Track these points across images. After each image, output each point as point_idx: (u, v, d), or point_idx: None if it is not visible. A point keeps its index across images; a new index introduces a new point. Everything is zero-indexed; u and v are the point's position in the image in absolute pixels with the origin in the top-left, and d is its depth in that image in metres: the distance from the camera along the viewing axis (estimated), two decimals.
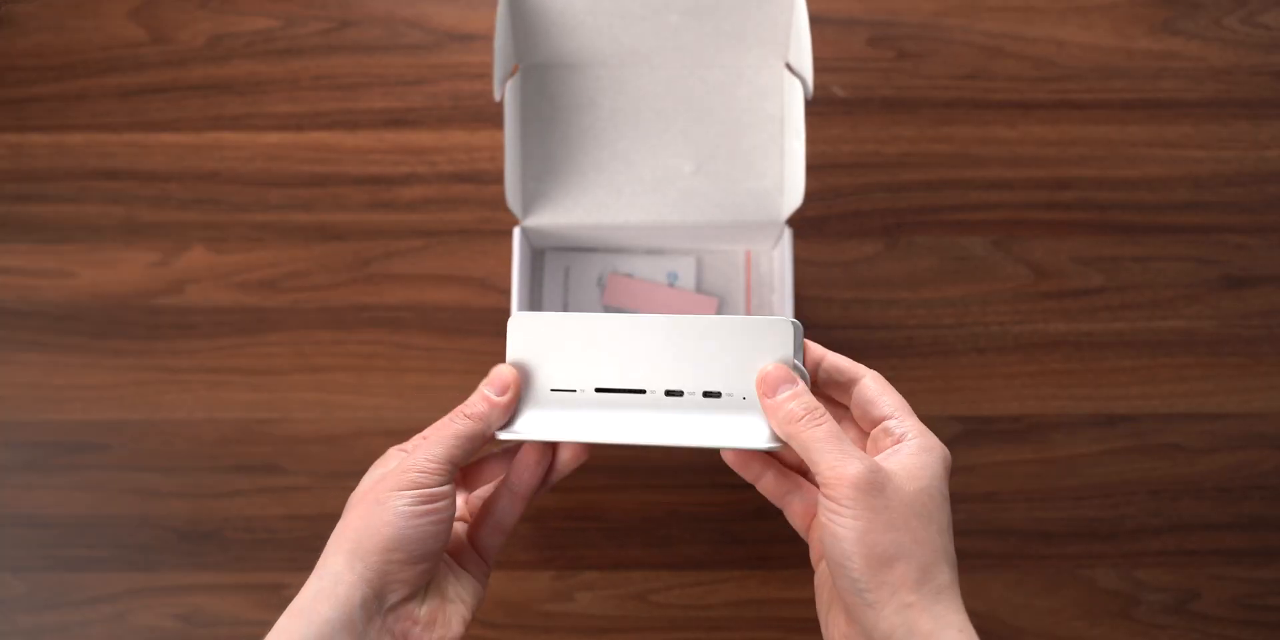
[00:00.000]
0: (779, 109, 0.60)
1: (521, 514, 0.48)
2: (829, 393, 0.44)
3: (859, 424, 0.43)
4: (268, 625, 0.61)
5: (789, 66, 0.58)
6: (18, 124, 0.64)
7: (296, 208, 0.64)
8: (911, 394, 0.62)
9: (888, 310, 0.63)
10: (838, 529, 0.39)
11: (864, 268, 0.63)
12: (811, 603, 0.61)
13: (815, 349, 0.44)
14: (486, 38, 0.65)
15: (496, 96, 0.54)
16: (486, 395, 0.44)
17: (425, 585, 0.43)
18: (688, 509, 0.61)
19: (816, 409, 0.41)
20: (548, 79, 0.59)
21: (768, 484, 0.45)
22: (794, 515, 0.45)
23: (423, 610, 0.42)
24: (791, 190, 0.56)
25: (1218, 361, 0.62)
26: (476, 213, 0.64)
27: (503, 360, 0.61)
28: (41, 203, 0.64)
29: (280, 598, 0.61)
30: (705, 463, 0.61)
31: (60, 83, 0.65)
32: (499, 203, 0.63)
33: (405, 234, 0.63)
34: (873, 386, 0.43)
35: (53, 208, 0.64)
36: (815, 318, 0.63)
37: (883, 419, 0.42)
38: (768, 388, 0.42)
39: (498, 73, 0.54)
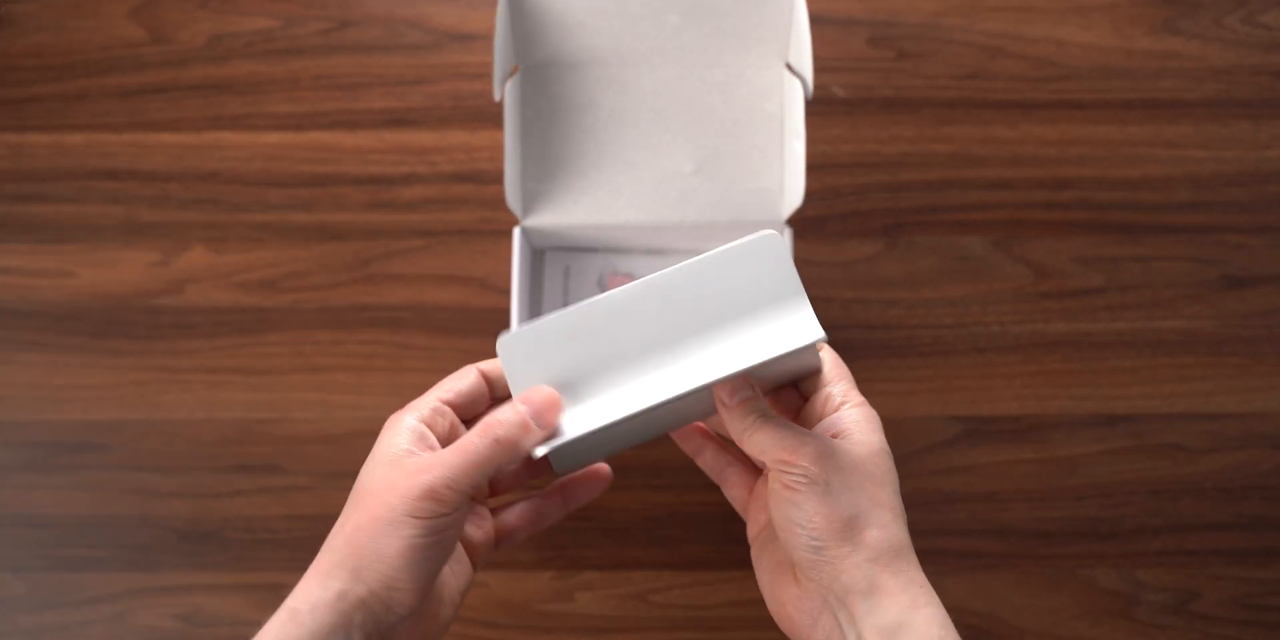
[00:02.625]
0: (779, 109, 0.60)
1: (560, 518, 0.47)
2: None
3: (799, 389, 0.44)
4: None
5: (789, 66, 0.58)
6: (18, 124, 0.64)
7: (296, 208, 0.64)
8: (912, 394, 0.62)
9: (888, 310, 0.63)
10: (796, 495, 0.39)
11: (864, 268, 0.63)
12: None
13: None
14: (486, 38, 0.65)
15: (496, 96, 0.54)
16: (525, 420, 0.40)
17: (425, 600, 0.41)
18: (688, 509, 0.61)
19: (757, 413, 0.41)
20: (548, 79, 0.59)
21: (707, 459, 0.46)
22: (731, 487, 0.45)
23: (416, 628, 0.41)
24: (791, 190, 0.56)
25: (1218, 361, 0.62)
26: (476, 213, 0.64)
27: None
28: (41, 203, 0.64)
29: (280, 598, 0.60)
30: None
31: (60, 83, 0.65)
32: (499, 203, 0.63)
33: (405, 234, 0.63)
34: (840, 372, 0.44)
35: (53, 208, 0.64)
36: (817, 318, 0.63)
37: (826, 385, 0.43)
38: (722, 397, 0.42)
39: (497, 72, 0.54)
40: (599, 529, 0.61)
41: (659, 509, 0.61)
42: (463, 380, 0.43)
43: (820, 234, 0.63)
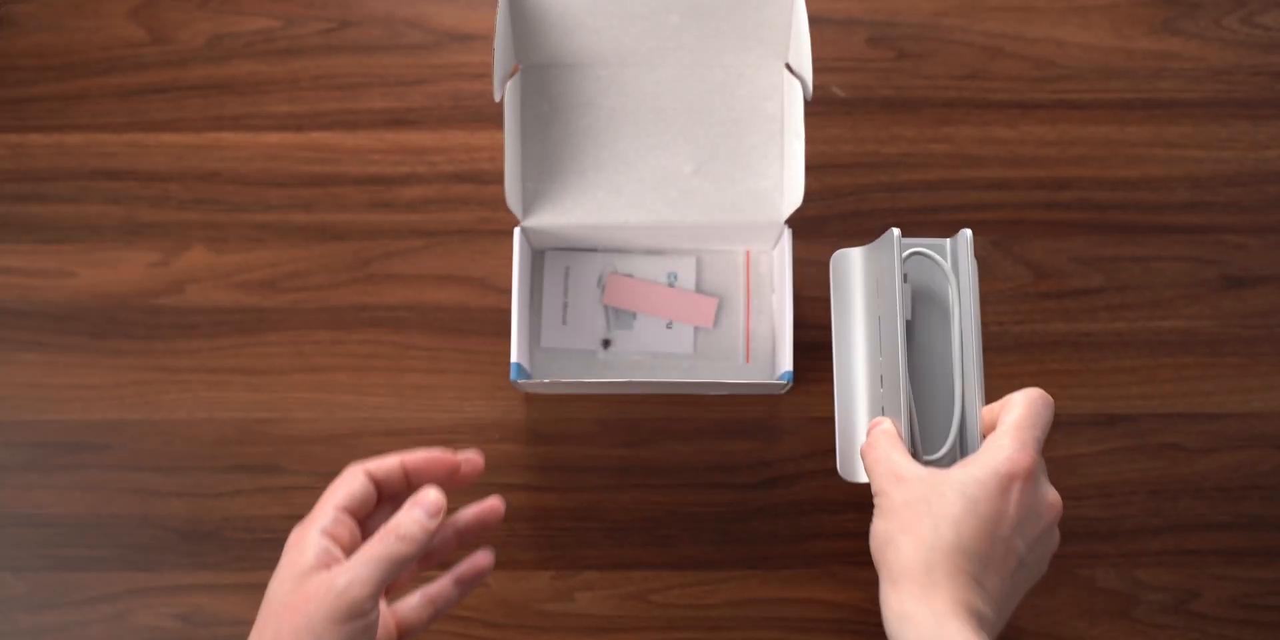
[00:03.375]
0: (779, 109, 0.60)
1: (459, 602, 0.49)
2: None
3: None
4: None
5: (789, 67, 0.58)
6: (18, 124, 0.64)
7: (296, 208, 0.64)
8: None
9: None
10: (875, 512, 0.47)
11: None
12: (811, 602, 0.61)
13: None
14: (486, 38, 0.65)
15: (496, 97, 0.54)
16: (419, 518, 0.42)
17: None
18: (688, 509, 0.61)
19: (879, 439, 0.50)
20: (548, 79, 0.59)
21: None
22: None
23: None
24: (791, 191, 0.56)
25: (1218, 361, 0.62)
26: (476, 213, 0.64)
27: (503, 360, 0.61)
28: (41, 203, 0.64)
29: None
30: (705, 462, 0.61)
31: (60, 83, 0.65)
32: (499, 203, 0.63)
33: (405, 234, 0.63)
34: (1015, 400, 0.48)
35: (53, 208, 0.64)
36: (815, 318, 0.63)
37: (992, 425, 0.49)
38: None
39: (498, 73, 0.54)
40: (599, 529, 0.61)
41: (659, 509, 0.61)
42: (354, 484, 0.45)
43: (820, 234, 0.63)
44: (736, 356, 0.62)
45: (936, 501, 0.44)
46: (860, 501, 0.61)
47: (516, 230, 0.58)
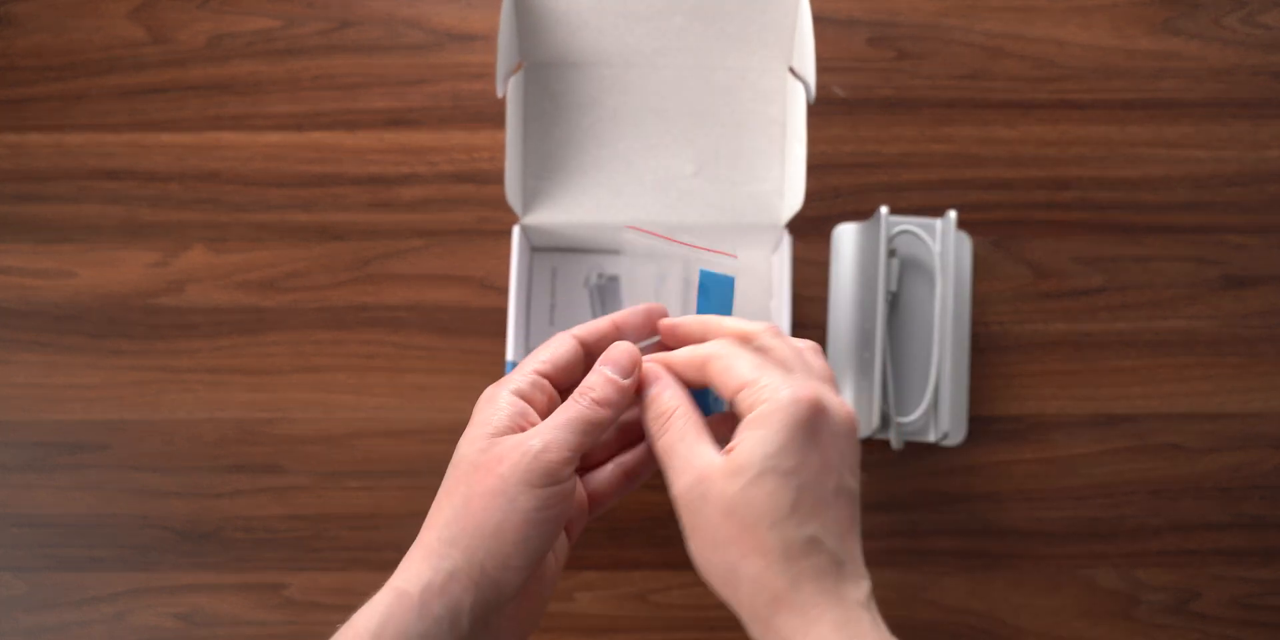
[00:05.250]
0: (781, 112, 0.60)
1: (651, 473, 0.44)
2: (693, 386, 0.41)
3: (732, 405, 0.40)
4: (268, 625, 0.61)
5: (792, 70, 0.58)
6: (18, 124, 0.64)
7: (296, 208, 0.64)
8: None
9: None
10: (688, 546, 0.38)
11: None
12: None
13: (659, 359, 0.41)
14: (486, 38, 0.65)
15: (499, 93, 0.54)
16: (610, 377, 0.39)
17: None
18: None
19: (664, 412, 0.39)
20: (550, 77, 0.59)
21: None
22: None
23: (519, 606, 0.40)
24: (792, 194, 0.56)
25: (1218, 361, 0.62)
26: (476, 212, 0.64)
27: (501, 358, 0.61)
28: (41, 203, 0.64)
29: (280, 597, 0.61)
30: None
31: (60, 83, 0.65)
32: (499, 203, 0.63)
33: (405, 234, 0.63)
34: (718, 364, 0.39)
35: (53, 208, 0.64)
36: (815, 318, 0.63)
37: (735, 392, 0.38)
38: (641, 391, 0.40)
39: (500, 69, 0.54)
40: (599, 529, 0.61)
41: (659, 509, 0.61)
42: (559, 349, 0.41)
43: (820, 234, 0.63)
44: None
45: (761, 499, 0.36)
46: (861, 501, 0.61)
47: (515, 228, 0.58)
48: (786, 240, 0.58)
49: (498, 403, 0.40)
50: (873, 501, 0.61)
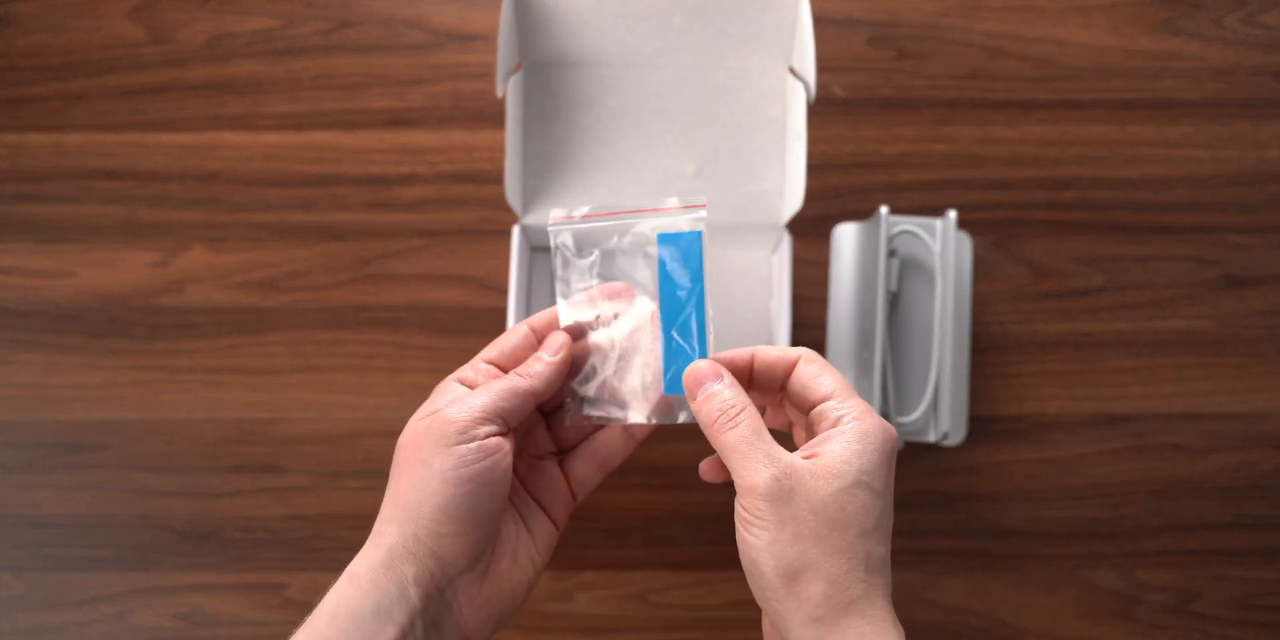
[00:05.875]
0: (781, 112, 0.60)
1: (628, 454, 0.45)
2: (767, 392, 0.42)
3: (799, 410, 0.41)
4: (267, 625, 0.61)
5: (792, 70, 0.58)
6: (18, 124, 0.64)
7: (296, 208, 0.64)
8: None
9: None
10: (748, 538, 0.37)
11: None
12: None
13: (743, 351, 0.41)
14: (486, 38, 0.65)
15: (499, 93, 0.54)
16: (540, 355, 0.42)
17: (486, 551, 0.40)
18: (688, 509, 0.61)
19: (731, 408, 0.39)
20: (550, 77, 0.59)
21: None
22: None
23: (483, 584, 0.40)
24: (792, 194, 0.56)
25: (1218, 361, 0.62)
26: (476, 212, 0.64)
27: None
28: (41, 203, 0.64)
29: (280, 597, 0.61)
30: None
31: (60, 83, 0.65)
32: (498, 202, 0.63)
33: (405, 234, 0.63)
34: (807, 369, 0.40)
35: (53, 208, 0.64)
36: (815, 318, 0.63)
37: (820, 401, 0.39)
38: (690, 390, 0.40)
39: (500, 68, 0.53)
40: (599, 529, 0.61)
41: (659, 509, 0.61)
42: (511, 337, 0.43)
43: (820, 234, 0.63)
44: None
45: (854, 507, 0.37)
46: None
47: (515, 228, 0.58)
48: (786, 241, 0.58)
49: (442, 388, 0.41)
50: None
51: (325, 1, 0.65)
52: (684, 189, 0.59)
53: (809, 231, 0.63)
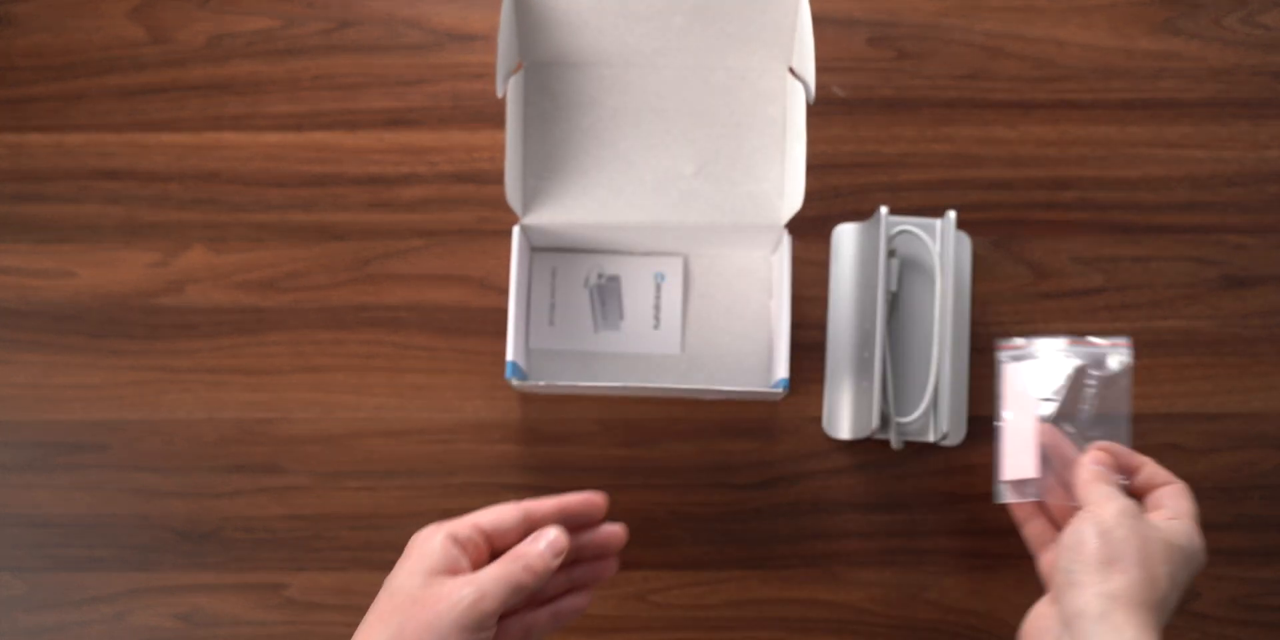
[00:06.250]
0: (781, 112, 0.60)
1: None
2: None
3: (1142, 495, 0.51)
4: (268, 625, 0.61)
5: (792, 70, 0.58)
6: (18, 124, 0.64)
7: (296, 208, 0.64)
8: None
9: None
10: (1088, 520, 0.47)
11: None
12: (811, 602, 0.61)
13: (1135, 458, 0.52)
14: (486, 38, 0.65)
15: (499, 92, 0.54)
16: (543, 553, 0.47)
17: None
18: (688, 509, 0.61)
19: (1094, 466, 0.51)
20: (550, 77, 0.59)
21: (1032, 528, 0.54)
22: (1037, 549, 0.54)
23: None
24: (791, 194, 0.56)
25: (1218, 361, 0.62)
26: (476, 213, 0.64)
27: (500, 358, 0.61)
28: (41, 203, 0.64)
29: (280, 597, 0.61)
30: (706, 462, 0.61)
31: (60, 83, 0.65)
32: (498, 203, 0.63)
33: (405, 234, 0.63)
34: (1175, 490, 0.51)
35: (53, 208, 0.64)
36: (815, 318, 0.63)
37: (1140, 466, 0.52)
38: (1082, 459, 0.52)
39: (500, 69, 0.54)
40: None
41: (659, 509, 0.61)
42: (504, 516, 0.48)
43: (820, 234, 0.63)
44: (730, 360, 0.62)
45: (1178, 558, 0.47)
46: (861, 502, 0.61)
47: (515, 228, 0.58)
48: (786, 241, 0.58)
49: (433, 544, 0.46)
50: (873, 501, 0.61)
51: (325, 1, 0.65)
52: (684, 189, 0.60)
53: (809, 231, 0.63)
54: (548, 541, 0.47)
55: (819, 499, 0.61)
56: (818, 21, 0.62)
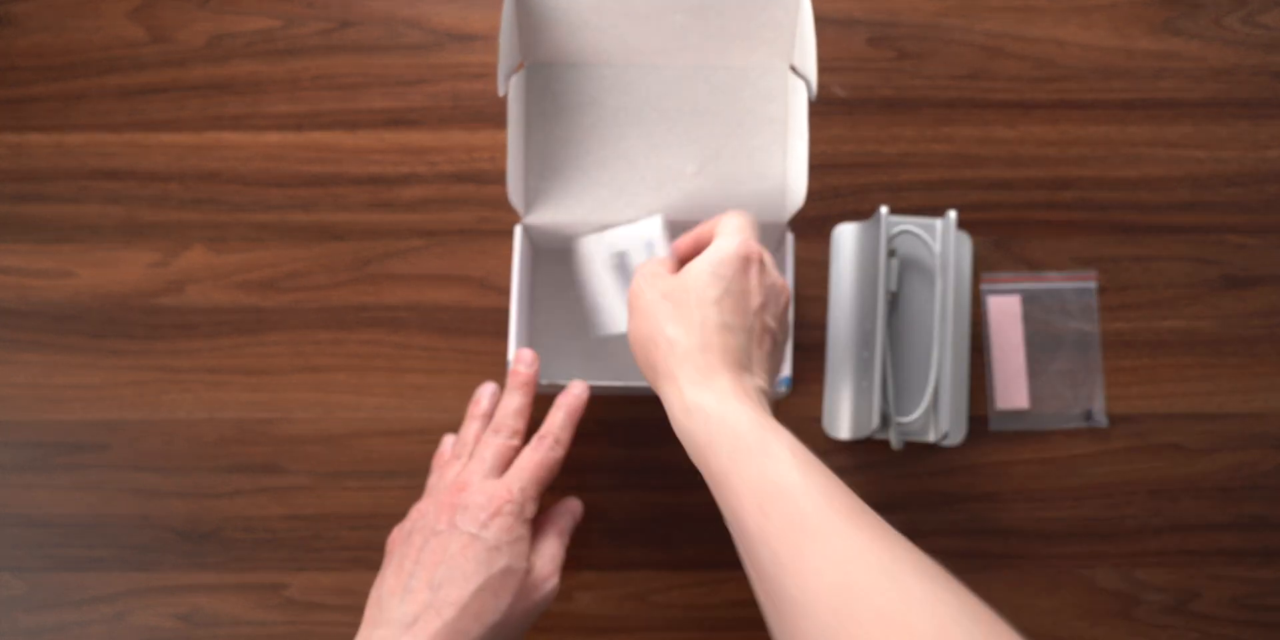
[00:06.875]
0: (782, 111, 0.60)
1: None
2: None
3: None
4: (268, 625, 0.61)
5: (794, 69, 0.58)
6: (18, 124, 0.64)
7: (296, 208, 0.64)
8: None
9: None
10: (629, 328, 0.49)
11: None
12: None
13: (687, 236, 0.53)
14: (486, 38, 0.65)
15: (500, 92, 0.54)
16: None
17: None
18: (688, 509, 0.61)
19: (649, 262, 0.51)
20: (551, 76, 0.59)
21: None
22: None
23: None
24: (793, 192, 0.56)
25: (1218, 361, 0.62)
26: (476, 213, 0.64)
27: (501, 358, 0.61)
28: (41, 203, 0.64)
29: (280, 597, 0.61)
30: None
31: (60, 83, 0.65)
32: (499, 203, 0.63)
33: (405, 234, 0.63)
34: (725, 220, 0.51)
35: (53, 208, 0.64)
36: (816, 318, 0.63)
37: (716, 237, 0.50)
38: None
39: (502, 68, 0.53)
40: (599, 529, 0.61)
41: (659, 509, 0.61)
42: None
43: (820, 234, 0.63)
44: None
45: (694, 286, 0.47)
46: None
47: (517, 227, 0.57)
48: (789, 240, 0.58)
49: (517, 507, 0.51)
50: (873, 501, 0.61)
51: (325, 1, 0.65)
52: (686, 188, 0.60)
53: (809, 231, 0.63)
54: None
55: None
56: (818, 22, 0.62)
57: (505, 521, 0.49)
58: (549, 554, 0.51)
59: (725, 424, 0.43)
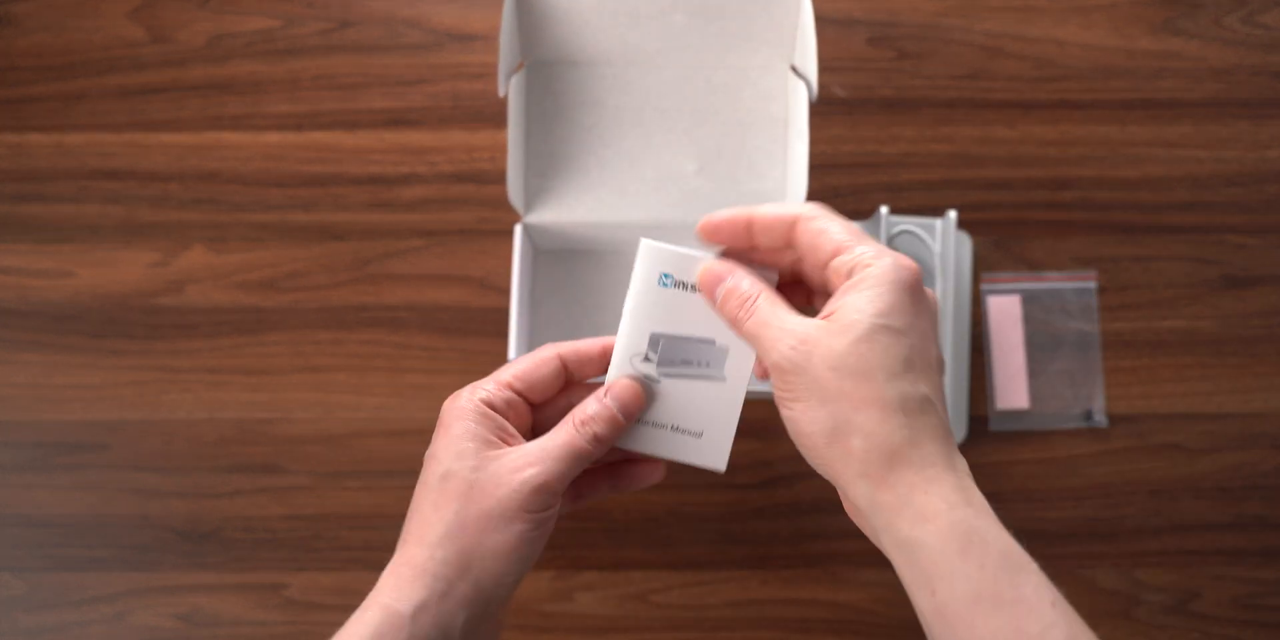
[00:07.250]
0: (783, 111, 0.60)
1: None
2: (773, 256, 0.41)
3: (812, 269, 0.39)
4: (268, 625, 0.61)
5: (794, 69, 0.58)
6: (18, 124, 0.64)
7: (296, 208, 0.64)
8: None
9: None
10: (785, 414, 0.37)
11: None
12: (811, 602, 0.61)
13: (741, 213, 0.40)
14: (486, 38, 0.65)
15: (501, 92, 0.54)
16: (614, 415, 0.41)
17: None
18: (688, 509, 0.61)
19: (746, 298, 0.39)
20: (552, 76, 0.60)
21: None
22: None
23: (495, 619, 0.41)
24: (794, 192, 0.56)
25: (1218, 361, 0.62)
26: (476, 212, 0.64)
27: (501, 358, 0.61)
28: (41, 203, 0.64)
29: (280, 597, 0.61)
30: None
31: (60, 83, 0.65)
32: (499, 203, 0.63)
33: (405, 234, 0.63)
34: (812, 225, 0.38)
35: (53, 208, 0.64)
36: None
37: (830, 257, 0.37)
38: (707, 290, 0.40)
39: (502, 68, 0.54)
40: (599, 529, 0.61)
41: (659, 509, 0.61)
42: (541, 368, 0.42)
43: None
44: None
45: (874, 353, 0.35)
46: None
47: (517, 227, 0.57)
48: None
49: (470, 414, 0.40)
50: None
51: (325, 1, 0.65)
52: (686, 188, 0.60)
53: None
54: (617, 398, 0.40)
55: (819, 499, 0.61)
56: (818, 22, 0.62)
57: (452, 429, 0.40)
58: (533, 446, 0.40)
59: (971, 547, 0.35)
